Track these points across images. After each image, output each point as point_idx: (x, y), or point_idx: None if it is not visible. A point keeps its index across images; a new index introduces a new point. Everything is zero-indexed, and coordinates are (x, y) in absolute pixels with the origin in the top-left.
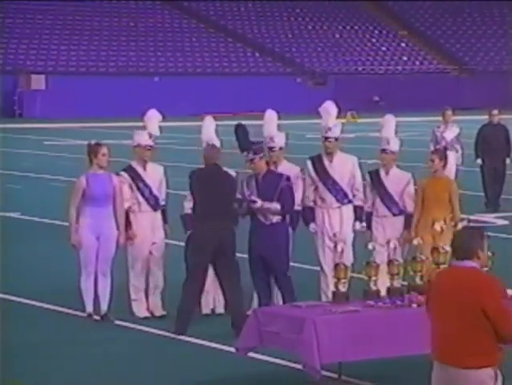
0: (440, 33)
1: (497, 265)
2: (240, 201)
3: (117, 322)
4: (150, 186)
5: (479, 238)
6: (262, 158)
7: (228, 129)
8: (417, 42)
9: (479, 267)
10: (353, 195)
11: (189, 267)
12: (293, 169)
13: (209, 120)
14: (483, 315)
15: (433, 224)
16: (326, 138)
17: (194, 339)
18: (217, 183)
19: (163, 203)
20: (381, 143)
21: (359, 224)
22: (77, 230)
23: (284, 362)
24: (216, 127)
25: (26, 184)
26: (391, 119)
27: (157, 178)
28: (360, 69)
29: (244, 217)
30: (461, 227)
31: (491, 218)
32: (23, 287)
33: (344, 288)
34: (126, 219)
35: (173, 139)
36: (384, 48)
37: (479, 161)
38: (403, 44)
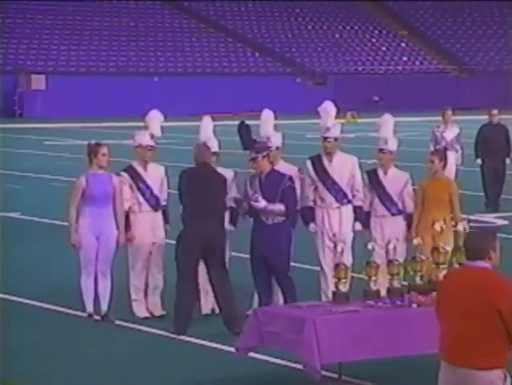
0: (440, 33)
1: (497, 265)
2: (239, 201)
3: (117, 322)
4: (151, 186)
5: (492, 239)
6: (265, 157)
7: (227, 129)
8: (417, 42)
9: (491, 268)
10: (353, 195)
11: (180, 267)
12: (290, 169)
13: (207, 120)
14: (498, 316)
15: (433, 224)
16: (325, 138)
17: (194, 339)
18: (207, 182)
19: (164, 203)
20: (379, 142)
21: (358, 224)
22: (77, 230)
23: (284, 362)
24: (214, 127)
25: (26, 184)
26: (389, 118)
27: (158, 178)
28: (360, 69)
29: (244, 217)
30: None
31: (491, 218)
32: (23, 287)
33: (344, 288)
34: (126, 220)
35: (173, 139)
36: (384, 48)
37: (479, 161)
38: (403, 44)
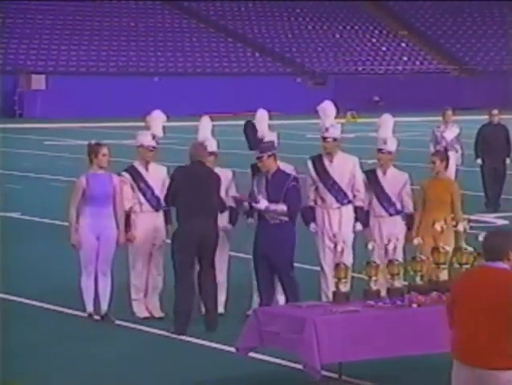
0: (440, 33)
1: None
2: (238, 201)
3: (117, 322)
4: (152, 187)
5: (511, 239)
6: (271, 156)
7: (227, 129)
8: (417, 42)
9: (510, 268)
10: (353, 195)
11: (176, 266)
12: (286, 169)
13: (206, 120)
14: None
15: (434, 224)
16: (324, 138)
17: (194, 339)
18: (202, 180)
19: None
20: (378, 143)
21: (359, 225)
22: (77, 230)
23: (284, 362)
24: (213, 127)
25: (26, 184)
26: (388, 118)
27: (160, 178)
28: (360, 69)
29: (244, 216)
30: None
31: (491, 218)
32: (23, 287)
33: (345, 288)
34: (127, 220)
35: (173, 139)
36: (384, 48)
37: (479, 161)
38: (403, 44)
